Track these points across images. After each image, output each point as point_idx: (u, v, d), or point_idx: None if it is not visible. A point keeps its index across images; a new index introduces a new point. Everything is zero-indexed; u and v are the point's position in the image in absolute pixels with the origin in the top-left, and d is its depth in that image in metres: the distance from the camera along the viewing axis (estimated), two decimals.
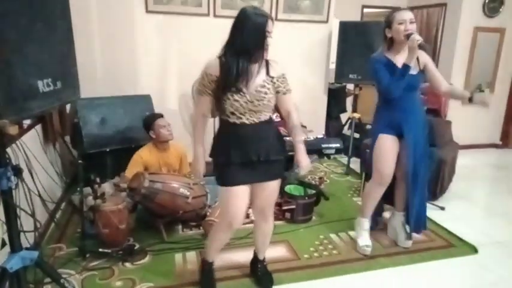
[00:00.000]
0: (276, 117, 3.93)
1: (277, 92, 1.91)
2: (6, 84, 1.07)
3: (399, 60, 2.39)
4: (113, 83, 3.85)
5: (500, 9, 5.00)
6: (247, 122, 1.86)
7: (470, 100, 2.42)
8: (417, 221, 2.70)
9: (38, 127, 2.93)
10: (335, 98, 4.84)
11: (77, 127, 3.27)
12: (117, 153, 3.36)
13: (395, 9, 2.67)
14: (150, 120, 3.02)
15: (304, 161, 1.97)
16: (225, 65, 1.77)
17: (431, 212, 3.34)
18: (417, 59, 2.43)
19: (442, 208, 3.43)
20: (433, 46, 5.35)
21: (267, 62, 1.89)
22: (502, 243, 2.90)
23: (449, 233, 2.99)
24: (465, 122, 5.25)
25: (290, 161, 3.77)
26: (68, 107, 3.57)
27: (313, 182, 3.92)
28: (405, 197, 2.68)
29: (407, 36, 2.28)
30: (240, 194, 1.94)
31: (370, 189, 2.67)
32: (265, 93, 1.83)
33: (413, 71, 2.43)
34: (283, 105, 1.99)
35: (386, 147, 2.53)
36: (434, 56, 5.34)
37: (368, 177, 2.76)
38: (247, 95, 1.80)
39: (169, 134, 3.03)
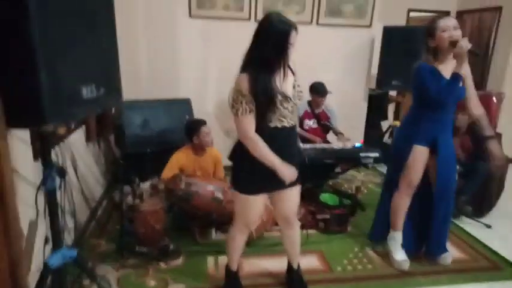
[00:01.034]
0: (313, 123, 3.91)
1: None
2: (51, 90, 1.12)
3: (445, 72, 2.27)
4: (155, 86, 3.98)
5: None
6: (287, 125, 1.83)
7: (485, 140, 2.26)
8: (436, 242, 2.58)
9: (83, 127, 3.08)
10: (376, 105, 4.70)
11: (121, 128, 3.40)
12: (156, 154, 3.45)
13: (443, 13, 2.56)
14: (195, 126, 3.03)
15: None
16: (256, 83, 1.69)
17: (476, 229, 3.16)
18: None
19: (488, 226, 3.22)
20: (483, 52, 5.05)
21: None
22: None
23: (495, 253, 2.80)
24: None
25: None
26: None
27: (349, 192, 3.83)
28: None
29: (453, 43, 2.16)
30: (259, 202, 1.99)
31: (399, 200, 2.56)
32: (301, 92, 1.87)
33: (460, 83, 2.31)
34: None
35: (420, 159, 2.44)
36: (486, 63, 5.04)
37: (388, 188, 2.66)
38: (291, 99, 1.81)
39: (211, 142, 3.07)
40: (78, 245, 2.57)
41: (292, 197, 2.03)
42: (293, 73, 1.89)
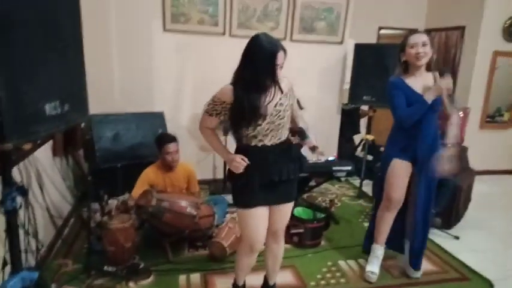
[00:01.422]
0: None
1: (291, 105, 1.94)
2: (13, 109, 1.08)
3: (415, 84, 2.36)
4: (129, 100, 3.91)
5: None
6: (268, 144, 1.87)
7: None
8: (419, 255, 2.63)
9: (51, 142, 2.98)
10: (348, 119, 4.80)
11: (90, 142, 3.32)
12: (127, 169, 3.38)
13: (412, 30, 2.66)
14: (160, 142, 3.00)
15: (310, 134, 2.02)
16: (238, 100, 1.75)
17: (445, 241, 3.24)
18: (435, 80, 2.39)
19: (457, 238, 3.31)
20: (449, 69, 5.27)
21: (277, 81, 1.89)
22: None
23: (464, 265, 2.87)
24: (483, 147, 5.11)
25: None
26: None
27: (323, 205, 3.87)
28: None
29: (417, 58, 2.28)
30: (259, 216, 1.96)
31: (380, 214, 2.61)
32: (284, 111, 1.86)
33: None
34: (295, 111, 2.04)
35: (399, 173, 2.48)
36: (454, 78, 5.25)
37: (378, 202, 2.70)
38: (268, 117, 1.82)
39: (173, 162, 2.98)
40: (43, 265, 2.46)
41: (284, 212, 2.05)
42: (281, 91, 1.87)
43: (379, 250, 2.66)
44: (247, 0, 4.03)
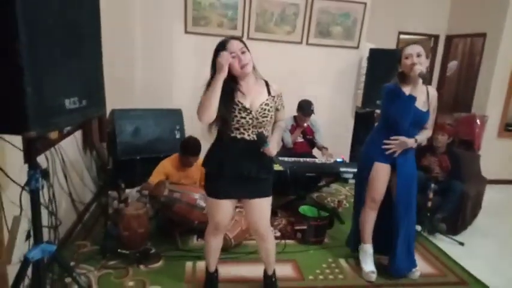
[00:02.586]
0: (299, 138, 4.06)
1: (277, 110, 2.11)
2: (36, 102, 1.26)
3: (411, 93, 2.44)
4: (149, 97, 4.16)
5: None
6: (247, 138, 2.00)
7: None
8: (403, 260, 2.66)
9: (78, 133, 3.25)
10: (363, 123, 4.86)
11: (112, 135, 3.57)
12: (146, 161, 3.59)
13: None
14: (186, 150, 3.12)
15: (274, 144, 2.00)
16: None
17: (449, 246, 3.28)
18: (427, 97, 2.49)
19: (461, 243, 3.33)
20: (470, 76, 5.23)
21: (267, 83, 2.08)
22: None
23: (464, 269, 2.91)
24: (500, 156, 5.05)
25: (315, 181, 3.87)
26: (107, 115, 3.91)
27: (331, 205, 3.97)
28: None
29: (411, 68, 2.36)
30: (224, 207, 2.09)
31: (364, 214, 2.70)
32: (268, 111, 2.01)
33: (424, 108, 2.49)
34: (279, 118, 2.17)
35: (381, 176, 2.59)
36: (473, 85, 5.20)
37: (359, 200, 2.78)
38: (253, 112, 1.97)
39: (192, 165, 3.18)
40: (64, 245, 2.71)
41: (261, 208, 2.12)
42: (269, 92, 2.04)
43: (370, 249, 2.74)
44: (265, 5, 4.19)
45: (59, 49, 1.39)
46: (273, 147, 1.96)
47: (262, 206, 2.13)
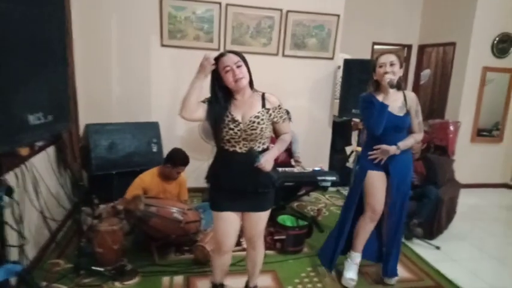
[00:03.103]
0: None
1: (275, 122, 2.06)
2: None
3: (385, 102, 2.49)
4: (127, 111, 4.13)
5: (510, 50, 5.02)
6: (239, 150, 1.98)
7: None
8: (389, 266, 2.72)
9: (51, 149, 3.18)
10: (340, 131, 4.93)
11: (86, 150, 3.51)
12: (122, 176, 3.56)
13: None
14: (175, 161, 3.10)
15: (267, 158, 1.94)
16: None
17: (425, 251, 3.33)
18: (405, 100, 2.55)
19: (437, 248, 3.39)
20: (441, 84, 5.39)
21: (263, 96, 2.04)
22: None
23: (440, 274, 2.96)
24: (475, 160, 5.19)
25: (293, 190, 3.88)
26: (81, 130, 3.86)
27: (311, 213, 3.99)
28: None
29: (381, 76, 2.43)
30: (228, 220, 2.06)
31: (363, 224, 2.69)
32: (258, 123, 1.95)
33: (400, 113, 2.54)
34: (281, 131, 2.11)
35: (376, 184, 2.61)
36: (446, 92, 5.36)
37: (347, 210, 2.80)
38: (241, 124, 1.95)
39: (176, 177, 3.18)
40: (36, 264, 2.63)
41: (258, 220, 2.12)
42: (263, 105, 2.01)
43: (358, 258, 2.75)
44: (241, 18, 4.24)
45: (24, 64, 1.38)
46: (265, 162, 1.90)
47: (260, 218, 2.13)
